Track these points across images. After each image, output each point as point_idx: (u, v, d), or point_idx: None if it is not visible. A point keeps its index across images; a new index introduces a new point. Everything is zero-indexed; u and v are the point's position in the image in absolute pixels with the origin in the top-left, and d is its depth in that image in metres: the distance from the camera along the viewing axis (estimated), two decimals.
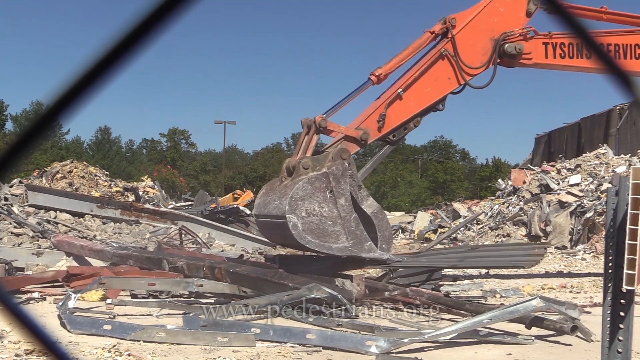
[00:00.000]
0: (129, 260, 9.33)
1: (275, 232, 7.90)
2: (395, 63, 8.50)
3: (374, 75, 8.35)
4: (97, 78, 0.84)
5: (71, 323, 5.90)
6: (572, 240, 17.54)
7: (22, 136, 0.87)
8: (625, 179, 3.73)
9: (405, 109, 8.51)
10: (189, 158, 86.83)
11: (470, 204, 27.26)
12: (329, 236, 7.49)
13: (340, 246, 7.51)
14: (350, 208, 7.62)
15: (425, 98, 8.59)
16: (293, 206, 7.40)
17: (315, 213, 7.48)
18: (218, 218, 18.00)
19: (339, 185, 7.65)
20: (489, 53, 8.87)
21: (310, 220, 7.43)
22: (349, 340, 5.37)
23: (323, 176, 7.63)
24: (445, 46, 8.66)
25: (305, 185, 7.51)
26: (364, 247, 7.59)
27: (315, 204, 7.50)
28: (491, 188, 37.25)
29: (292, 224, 7.36)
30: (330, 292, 6.70)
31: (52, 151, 63.58)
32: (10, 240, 12.54)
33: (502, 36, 8.88)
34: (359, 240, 7.58)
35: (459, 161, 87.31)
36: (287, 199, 7.44)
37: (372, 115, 8.37)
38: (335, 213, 7.54)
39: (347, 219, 7.56)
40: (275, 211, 7.62)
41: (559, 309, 5.74)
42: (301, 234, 7.36)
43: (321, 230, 7.46)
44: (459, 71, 8.67)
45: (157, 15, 0.83)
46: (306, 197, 7.47)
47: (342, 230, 7.52)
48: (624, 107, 34.81)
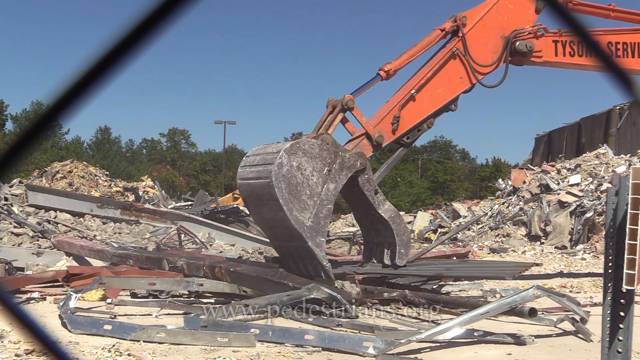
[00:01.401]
0: (129, 260, 9.34)
1: (254, 170, 7.48)
2: (405, 59, 8.43)
3: (383, 70, 8.27)
4: (97, 78, 0.84)
5: (72, 323, 5.90)
6: (572, 240, 17.54)
7: (22, 136, 0.87)
8: (625, 179, 3.73)
9: (418, 111, 8.43)
10: (189, 158, 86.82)
11: (470, 204, 27.27)
12: (298, 201, 7.19)
13: (300, 218, 7.18)
14: (333, 197, 7.41)
15: (439, 99, 8.53)
16: (293, 150, 7.20)
17: (305, 174, 7.25)
18: (218, 218, 18.01)
19: (340, 172, 7.49)
20: (500, 51, 8.81)
21: (295, 175, 7.19)
22: (346, 341, 5.37)
23: (333, 154, 7.47)
24: (457, 45, 8.60)
25: (314, 145, 7.35)
26: (316, 238, 7.29)
27: (310, 166, 7.28)
28: (491, 188, 37.23)
29: (279, 162, 7.09)
30: (329, 293, 6.70)
31: (52, 151, 63.58)
32: (10, 240, 12.54)
33: (513, 34, 8.83)
34: (317, 228, 7.30)
35: (459, 161, 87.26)
36: (291, 142, 7.30)
37: (386, 117, 8.28)
38: (318, 190, 7.31)
39: (323, 204, 7.32)
40: (272, 149, 7.39)
41: (560, 300, 5.76)
42: (279, 176, 7.08)
43: (296, 192, 7.18)
44: (470, 70, 8.62)
45: (157, 15, 0.83)
46: (308, 153, 7.28)
47: (312, 207, 7.25)
48: (624, 107, 34.80)
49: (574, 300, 5.96)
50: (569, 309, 5.87)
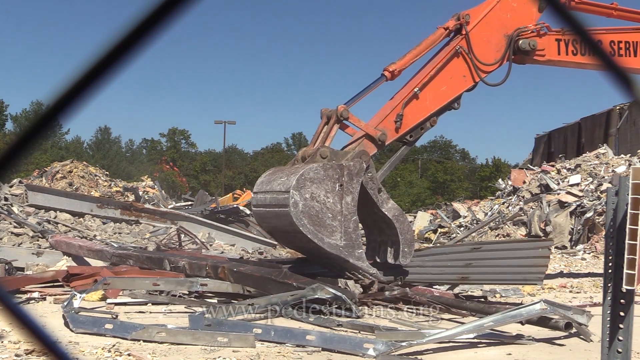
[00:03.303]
0: (129, 260, 9.33)
1: (271, 210, 7.54)
2: (409, 59, 8.42)
3: (388, 71, 8.26)
4: (98, 78, 0.84)
5: (74, 322, 5.91)
6: (572, 240, 17.55)
7: (22, 136, 0.87)
8: (625, 179, 3.73)
9: (422, 109, 8.41)
10: (189, 158, 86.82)
11: (470, 204, 27.27)
12: (324, 228, 7.23)
13: (332, 242, 7.26)
14: (354, 209, 7.41)
15: (442, 97, 8.52)
16: (300, 184, 7.16)
17: (319, 200, 7.23)
18: (218, 218, 18.00)
19: (351, 182, 7.44)
20: (503, 49, 8.80)
21: (312, 205, 7.18)
22: (347, 342, 5.37)
23: (338, 167, 7.42)
24: (460, 43, 8.59)
25: (319, 169, 7.30)
26: (354, 253, 7.38)
27: (322, 190, 7.25)
28: (491, 188, 37.25)
29: (294, 201, 7.09)
30: (334, 293, 6.70)
31: (52, 151, 63.61)
32: (10, 240, 12.55)
33: (516, 32, 8.82)
34: (352, 244, 7.36)
35: (459, 161, 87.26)
36: (296, 175, 7.20)
37: (390, 115, 8.25)
38: (338, 208, 7.31)
39: (348, 219, 7.35)
40: (280, 187, 7.35)
41: (565, 314, 5.72)
42: (299, 214, 7.10)
43: (319, 220, 7.20)
44: (473, 68, 8.61)
45: (157, 14, 0.83)
46: (316, 180, 7.24)
47: (339, 227, 7.29)
48: (624, 107, 34.82)
49: (579, 310, 5.93)
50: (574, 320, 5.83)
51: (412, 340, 5.31)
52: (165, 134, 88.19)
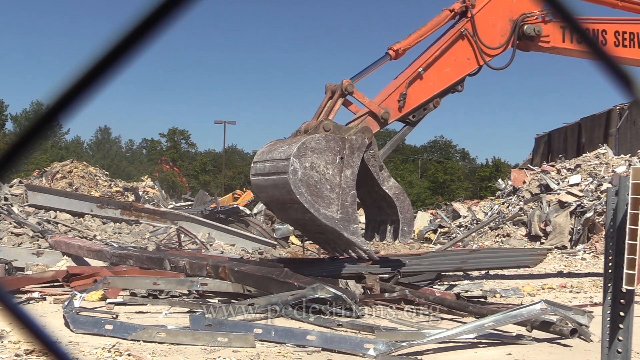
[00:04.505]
0: (129, 260, 9.33)
1: (269, 179, 7.45)
2: (414, 39, 8.37)
3: (392, 50, 8.21)
4: (98, 78, 0.84)
5: (74, 322, 5.91)
6: (572, 240, 17.55)
7: (22, 136, 0.87)
8: (625, 179, 3.73)
9: (425, 89, 8.38)
10: (189, 158, 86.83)
11: (470, 204, 27.27)
12: (321, 199, 7.15)
13: (329, 214, 7.17)
14: (352, 183, 7.33)
15: (445, 78, 8.49)
16: (301, 152, 7.09)
17: (319, 170, 7.17)
18: (218, 218, 18.00)
19: (352, 156, 7.38)
20: (508, 34, 8.76)
21: (311, 175, 7.12)
22: (347, 342, 5.38)
23: (340, 140, 7.37)
24: (465, 25, 8.56)
25: (320, 140, 7.24)
26: (349, 227, 7.30)
27: (322, 161, 7.19)
28: (491, 188, 37.26)
29: (293, 169, 7.02)
30: (334, 292, 6.70)
31: (52, 151, 63.62)
32: (10, 240, 12.55)
33: (521, 17, 8.79)
34: (348, 217, 7.28)
35: (459, 161, 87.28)
36: (297, 144, 7.13)
37: (393, 94, 8.18)
38: (337, 181, 7.24)
39: (346, 192, 7.27)
40: (280, 155, 7.29)
41: (566, 314, 5.71)
42: (297, 182, 7.04)
43: (317, 190, 7.13)
44: (478, 52, 8.58)
45: (157, 14, 0.83)
46: (317, 150, 7.18)
47: (336, 199, 7.22)
48: (624, 107, 34.82)
49: (580, 311, 5.93)
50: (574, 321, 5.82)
51: (412, 340, 5.31)
52: (165, 134, 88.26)
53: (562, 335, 5.81)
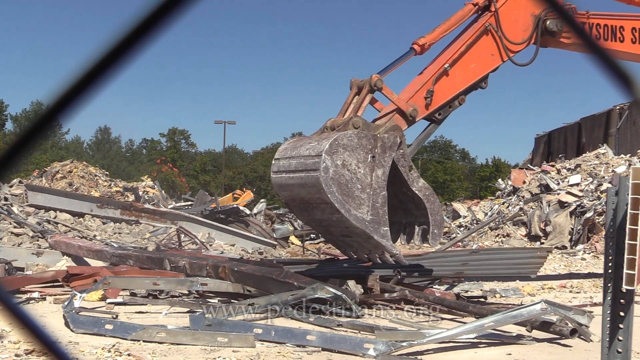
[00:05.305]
0: (129, 260, 9.33)
1: (295, 176, 7.11)
2: (439, 33, 8.24)
3: (418, 44, 8.07)
4: (98, 78, 0.84)
5: (74, 322, 5.91)
6: (572, 240, 17.55)
7: (22, 136, 0.87)
8: (625, 179, 3.73)
9: (451, 86, 8.22)
10: (189, 158, 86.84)
11: (470, 204, 27.27)
12: (352, 199, 6.85)
13: (359, 215, 6.88)
14: (384, 184, 7.06)
15: (470, 74, 8.35)
16: (333, 149, 6.79)
17: (351, 169, 6.89)
18: (218, 218, 18.00)
19: (384, 155, 7.10)
20: (530, 29, 8.64)
21: (342, 173, 6.83)
22: (347, 342, 5.38)
23: (372, 138, 7.09)
24: (489, 20, 8.43)
25: (353, 137, 6.95)
26: (380, 229, 7.01)
27: (354, 159, 6.91)
28: (491, 188, 37.26)
29: (325, 166, 6.70)
30: (334, 292, 6.69)
31: (52, 151, 63.65)
32: (10, 240, 12.55)
33: (544, 12, 8.68)
34: (378, 219, 6.99)
35: (459, 161, 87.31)
36: (329, 140, 6.83)
37: (420, 91, 7.98)
38: (368, 180, 6.96)
39: (377, 193, 6.98)
40: (309, 152, 6.98)
41: (566, 314, 5.71)
42: (328, 180, 6.69)
43: (348, 190, 6.84)
44: (502, 47, 8.45)
45: (157, 14, 0.83)
46: (349, 147, 6.90)
47: (367, 200, 6.93)
48: (624, 107, 34.82)
49: (580, 310, 5.92)
50: (574, 321, 5.82)
51: (412, 340, 5.31)
52: (165, 134, 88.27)
53: (562, 335, 5.81)
